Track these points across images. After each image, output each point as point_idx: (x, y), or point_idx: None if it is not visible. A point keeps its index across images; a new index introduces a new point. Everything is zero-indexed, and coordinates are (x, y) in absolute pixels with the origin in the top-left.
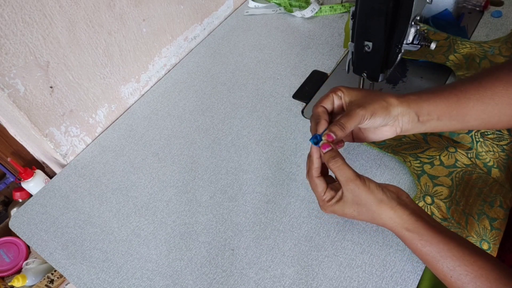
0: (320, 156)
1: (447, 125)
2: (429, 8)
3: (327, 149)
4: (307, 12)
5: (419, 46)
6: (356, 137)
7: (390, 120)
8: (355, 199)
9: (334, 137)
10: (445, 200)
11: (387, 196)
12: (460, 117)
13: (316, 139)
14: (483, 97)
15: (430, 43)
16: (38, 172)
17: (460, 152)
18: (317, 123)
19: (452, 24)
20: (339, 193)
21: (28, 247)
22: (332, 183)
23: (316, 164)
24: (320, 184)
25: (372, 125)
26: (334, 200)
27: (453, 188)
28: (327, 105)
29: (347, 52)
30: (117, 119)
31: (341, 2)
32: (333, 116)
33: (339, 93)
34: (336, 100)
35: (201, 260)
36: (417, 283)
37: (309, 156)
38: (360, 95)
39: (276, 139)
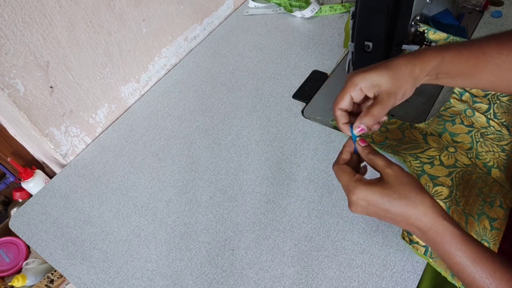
0: (354, 151)
1: (458, 83)
2: (429, 8)
3: (365, 144)
4: (307, 12)
5: (419, 46)
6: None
7: (415, 87)
8: (398, 179)
9: (366, 129)
10: (445, 200)
11: (424, 187)
12: (473, 78)
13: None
14: (503, 62)
15: (430, 43)
16: (38, 172)
17: (460, 152)
18: (339, 126)
19: (452, 24)
20: (375, 179)
21: (28, 247)
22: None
23: (345, 155)
24: (347, 168)
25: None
26: (367, 180)
27: (453, 188)
28: (344, 104)
29: (347, 52)
30: (117, 119)
31: (341, 2)
32: (360, 105)
33: (357, 88)
34: (356, 94)
35: (201, 260)
36: (417, 283)
37: (342, 148)
38: (385, 78)
39: (276, 139)
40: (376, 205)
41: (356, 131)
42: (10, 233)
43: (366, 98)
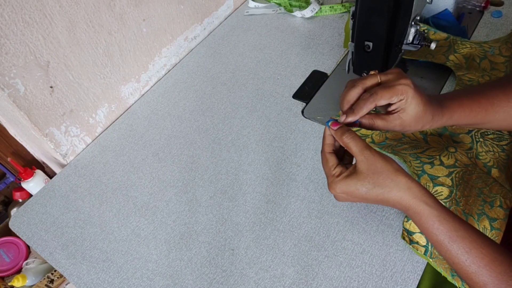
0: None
1: (463, 129)
2: (429, 8)
3: (337, 127)
4: (307, 12)
5: (419, 46)
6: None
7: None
8: (371, 168)
9: (352, 120)
10: (445, 200)
11: (401, 167)
12: (481, 125)
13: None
14: (511, 108)
15: (430, 43)
16: (38, 172)
17: (460, 152)
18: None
19: (452, 24)
20: (350, 168)
21: (28, 247)
22: (344, 163)
23: (328, 140)
24: (331, 159)
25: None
26: (344, 175)
27: (453, 188)
28: (382, 101)
29: (347, 52)
30: (117, 119)
31: (341, 2)
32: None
33: (402, 97)
34: (396, 100)
35: (201, 260)
36: (417, 283)
37: (323, 134)
38: (415, 112)
39: (276, 139)
40: (354, 195)
41: (342, 118)
42: (10, 233)
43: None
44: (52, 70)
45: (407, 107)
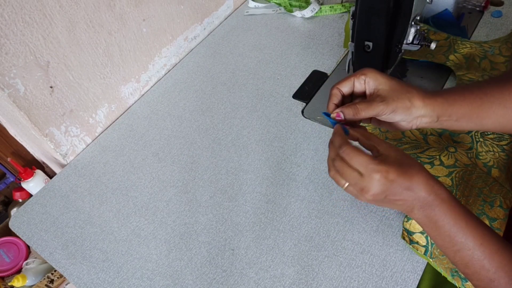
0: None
1: (463, 126)
2: (429, 8)
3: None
4: (307, 12)
5: (419, 46)
6: (373, 120)
7: (409, 119)
8: (399, 151)
9: (342, 116)
10: None
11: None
12: (479, 120)
13: (327, 115)
14: (506, 101)
15: (430, 43)
16: (38, 172)
17: (460, 152)
18: (328, 103)
19: (452, 24)
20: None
21: (28, 247)
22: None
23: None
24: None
25: (389, 120)
26: (379, 159)
27: (453, 188)
28: (344, 88)
29: (347, 52)
30: (117, 119)
31: (341, 2)
32: (354, 98)
33: (363, 77)
34: (358, 84)
35: (201, 260)
36: (417, 283)
37: (335, 134)
38: (388, 85)
39: (276, 139)
40: (387, 180)
41: (333, 115)
42: (10, 233)
43: (363, 97)
44: (52, 70)
45: (377, 83)
